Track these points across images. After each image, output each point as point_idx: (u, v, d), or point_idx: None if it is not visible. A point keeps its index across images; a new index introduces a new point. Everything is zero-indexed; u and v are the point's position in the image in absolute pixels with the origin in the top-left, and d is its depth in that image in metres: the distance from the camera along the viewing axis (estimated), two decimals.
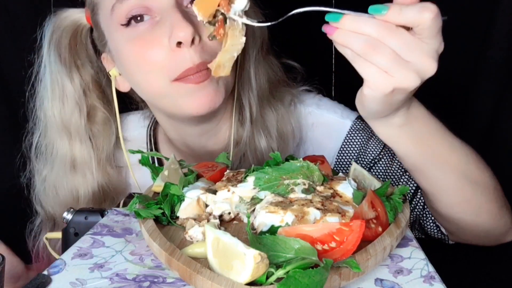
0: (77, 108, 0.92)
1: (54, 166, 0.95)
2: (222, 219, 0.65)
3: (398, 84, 0.57)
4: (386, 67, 0.57)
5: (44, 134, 0.95)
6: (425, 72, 0.57)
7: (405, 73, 0.57)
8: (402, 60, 0.57)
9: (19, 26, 1.21)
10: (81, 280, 0.53)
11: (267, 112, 0.95)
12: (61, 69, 0.90)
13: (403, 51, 0.56)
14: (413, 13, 0.55)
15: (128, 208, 0.67)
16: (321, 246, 0.51)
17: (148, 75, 0.81)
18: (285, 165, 0.65)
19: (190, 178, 0.71)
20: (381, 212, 0.59)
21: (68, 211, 0.76)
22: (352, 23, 0.57)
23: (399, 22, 0.55)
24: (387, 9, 0.55)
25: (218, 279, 0.48)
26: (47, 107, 0.92)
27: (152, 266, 0.56)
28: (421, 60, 0.57)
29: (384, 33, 0.55)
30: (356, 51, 0.57)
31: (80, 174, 0.94)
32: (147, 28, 0.80)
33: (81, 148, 0.93)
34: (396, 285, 0.52)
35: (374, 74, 0.58)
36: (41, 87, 0.93)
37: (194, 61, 0.78)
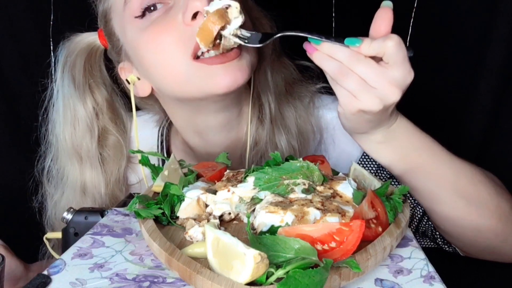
0: (89, 132, 0.92)
1: (65, 190, 0.95)
2: (222, 219, 0.65)
3: (363, 107, 0.65)
4: (353, 91, 0.65)
5: (56, 158, 0.95)
6: (388, 98, 0.65)
7: (369, 97, 0.65)
8: (368, 86, 0.64)
9: (19, 26, 1.21)
10: (81, 280, 0.53)
11: (286, 109, 0.96)
12: (74, 93, 0.91)
13: (369, 78, 0.64)
14: (379, 44, 0.63)
15: (128, 208, 0.67)
16: (321, 246, 0.51)
17: (166, 57, 0.79)
18: (285, 165, 0.65)
19: (190, 178, 0.71)
20: (381, 212, 0.59)
21: (68, 211, 0.76)
22: (329, 49, 0.65)
23: (369, 54, 0.64)
24: (361, 42, 0.63)
25: (218, 279, 0.48)
26: (58, 131, 0.93)
27: (152, 266, 0.56)
28: (385, 87, 0.64)
29: (353, 61, 0.64)
30: (329, 73, 0.66)
31: (90, 199, 0.94)
32: (161, 14, 0.79)
33: (91, 173, 0.93)
34: (396, 285, 0.52)
35: (343, 95, 0.67)
36: (54, 112, 0.94)
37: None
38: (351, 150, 0.95)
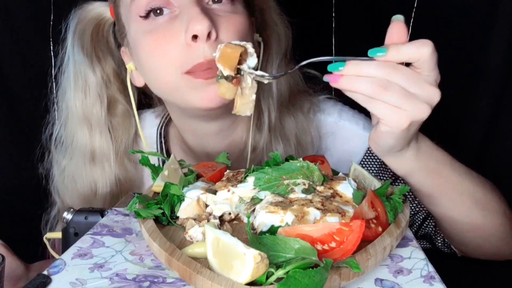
0: (99, 99, 0.92)
1: (74, 157, 0.95)
2: (222, 219, 0.65)
3: (413, 117, 0.60)
4: (398, 103, 0.60)
5: (65, 124, 0.95)
6: (433, 99, 0.61)
7: (416, 105, 0.60)
8: (410, 94, 0.60)
9: (19, 26, 1.21)
10: (81, 280, 0.53)
11: (286, 119, 0.95)
12: (83, 60, 0.91)
13: (408, 85, 0.59)
14: (412, 50, 0.59)
15: (128, 208, 0.67)
16: (321, 246, 0.51)
17: (160, 67, 0.81)
18: (285, 165, 0.65)
19: (190, 178, 0.71)
20: (381, 212, 0.59)
21: (68, 211, 0.76)
22: (356, 68, 0.59)
23: (398, 60, 0.59)
24: (386, 50, 0.59)
25: (218, 279, 0.48)
26: (69, 97, 0.93)
27: (152, 266, 0.56)
28: (426, 89, 0.60)
29: (388, 71, 0.59)
30: (365, 93, 0.60)
31: (99, 167, 0.94)
32: (165, 22, 0.79)
33: (101, 140, 0.93)
34: (396, 285, 0.52)
35: (389, 112, 0.60)
36: (64, 78, 0.94)
37: (206, 56, 0.77)
38: (349, 156, 0.95)
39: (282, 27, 0.94)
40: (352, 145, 0.97)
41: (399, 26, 0.61)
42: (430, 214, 0.91)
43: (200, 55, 0.77)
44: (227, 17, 0.80)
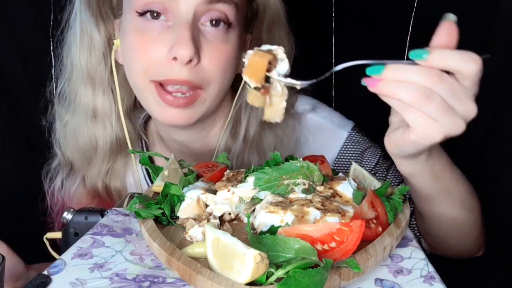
0: (103, 59, 0.92)
1: (76, 113, 0.96)
2: (222, 219, 0.65)
3: (448, 132, 0.57)
4: (436, 115, 0.56)
5: (69, 80, 0.95)
6: (469, 115, 0.58)
7: (453, 120, 0.57)
8: (450, 107, 0.57)
9: (19, 26, 1.21)
10: (81, 280, 0.53)
11: (266, 134, 0.95)
12: (90, 19, 0.90)
13: (450, 97, 0.56)
14: (457, 61, 0.55)
15: (128, 208, 0.67)
16: (321, 246, 0.51)
17: (135, 67, 0.83)
18: (285, 165, 0.65)
19: (190, 178, 0.71)
20: (381, 212, 0.59)
21: (68, 211, 0.75)
22: (397, 73, 0.56)
23: (441, 67, 0.55)
24: (428, 53, 0.55)
25: (218, 279, 0.48)
26: (74, 54, 0.93)
27: (152, 266, 0.56)
28: (466, 105, 0.57)
29: (433, 80, 0.55)
30: (405, 100, 0.56)
31: (100, 125, 0.95)
32: (157, 28, 0.80)
33: (103, 99, 0.94)
34: (396, 285, 0.52)
35: (424, 122, 0.57)
36: (70, 34, 0.94)
37: (180, 76, 0.79)
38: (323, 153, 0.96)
39: (287, 48, 0.94)
40: (326, 142, 0.98)
41: (450, 27, 0.57)
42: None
43: (175, 73, 0.79)
44: (216, 45, 0.81)
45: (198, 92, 0.83)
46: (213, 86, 0.84)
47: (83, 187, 1.00)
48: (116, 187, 1.00)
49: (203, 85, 0.82)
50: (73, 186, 1.01)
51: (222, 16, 0.81)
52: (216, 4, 0.80)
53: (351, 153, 0.98)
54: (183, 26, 0.78)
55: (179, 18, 0.79)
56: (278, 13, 0.92)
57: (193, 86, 0.81)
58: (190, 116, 0.85)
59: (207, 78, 0.82)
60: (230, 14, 0.81)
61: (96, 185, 0.99)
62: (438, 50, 0.55)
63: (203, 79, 0.82)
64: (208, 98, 0.85)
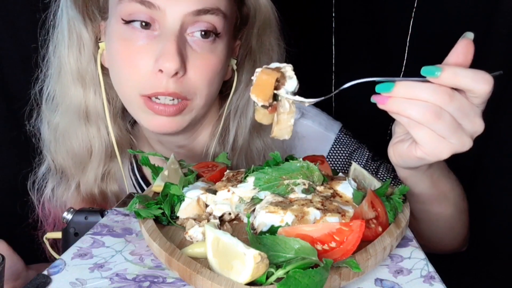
0: (93, 58, 0.90)
1: (67, 114, 0.92)
2: (222, 219, 0.65)
3: (456, 150, 0.58)
4: (445, 133, 0.57)
5: (57, 80, 0.92)
6: (477, 132, 0.58)
7: (461, 137, 0.57)
8: (458, 125, 0.57)
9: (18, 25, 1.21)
10: (81, 280, 0.53)
11: (255, 142, 0.95)
12: (77, 16, 0.88)
13: (459, 116, 0.56)
14: (469, 80, 0.55)
15: (128, 208, 0.67)
16: (321, 246, 0.51)
17: (123, 81, 0.83)
18: (285, 165, 0.65)
19: (190, 178, 0.71)
20: (381, 212, 0.59)
21: (68, 211, 0.75)
22: (407, 91, 0.56)
23: (453, 85, 0.55)
24: (441, 70, 0.55)
25: (218, 279, 0.48)
26: (63, 53, 0.90)
27: (152, 266, 0.56)
28: (474, 123, 0.57)
29: (444, 99, 0.55)
30: (414, 118, 0.56)
31: (95, 127, 0.93)
32: (143, 38, 0.79)
33: (95, 99, 0.91)
34: (396, 285, 0.52)
35: (432, 140, 0.58)
36: (57, 32, 0.90)
37: (168, 89, 0.79)
38: None
39: (277, 54, 0.94)
40: (314, 144, 0.98)
41: (468, 45, 0.57)
42: None
43: (162, 86, 0.79)
44: (203, 56, 0.81)
45: (185, 102, 0.82)
46: (200, 97, 0.83)
47: (77, 194, 0.97)
48: (113, 191, 0.98)
49: (189, 96, 0.82)
50: (68, 194, 0.96)
51: (210, 27, 0.80)
52: (204, 16, 0.79)
53: (340, 155, 0.98)
54: (169, 38, 0.77)
55: (166, 29, 0.78)
56: (269, 18, 0.91)
57: (180, 97, 0.81)
58: (178, 123, 0.84)
59: (193, 89, 0.81)
60: (218, 25, 0.80)
61: (92, 191, 0.96)
62: (450, 68, 0.55)
63: (189, 90, 0.81)
64: (195, 108, 0.84)
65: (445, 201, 0.78)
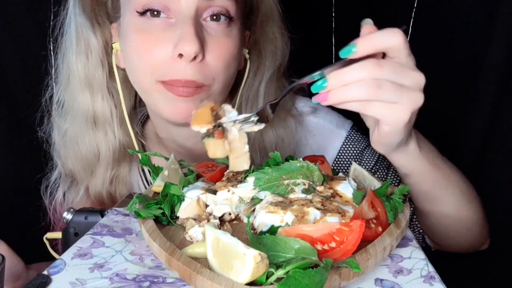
0: (100, 64, 0.91)
1: (76, 120, 0.94)
2: (222, 219, 0.65)
3: (412, 107, 0.60)
4: (394, 98, 0.58)
5: (66, 87, 0.93)
6: (420, 84, 0.60)
7: (410, 94, 0.59)
8: (401, 86, 0.59)
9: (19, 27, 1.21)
10: (81, 280, 0.53)
11: (268, 133, 0.95)
12: (85, 23, 0.89)
13: (397, 77, 0.58)
14: (382, 40, 0.58)
15: (128, 208, 0.67)
16: (321, 246, 0.51)
17: (140, 68, 0.83)
18: (285, 165, 0.65)
19: (190, 178, 0.71)
20: (381, 212, 0.59)
21: (68, 211, 0.75)
22: (340, 78, 0.58)
23: (371, 52, 0.57)
24: (355, 45, 0.57)
25: (218, 279, 0.48)
26: (71, 60, 0.91)
27: (152, 266, 0.56)
28: (413, 76, 0.59)
29: (374, 69, 0.57)
30: (360, 98, 0.58)
31: (102, 132, 0.93)
32: (159, 27, 0.80)
33: (103, 104, 0.92)
34: (396, 285, 0.52)
35: (387, 110, 0.59)
36: (66, 39, 0.92)
37: (186, 76, 0.79)
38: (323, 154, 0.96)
39: (280, 42, 0.95)
40: (324, 141, 0.98)
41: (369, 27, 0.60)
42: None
43: (181, 72, 0.78)
44: (219, 40, 0.81)
45: (203, 87, 0.82)
46: (217, 82, 0.83)
47: (87, 198, 0.98)
48: (122, 194, 0.98)
49: (207, 82, 0.82)
50: (77, 198, 0.98)
51: (223, 11, 0.81)
52: (216, 0, 0.80)
53: (351, 153, 0.98)
54: (187, 22, 0.77)
55: (182, 15, 0.78)
56: (271, 9, 0.92)
57: (198, 86, 0.81)
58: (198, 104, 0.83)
59: (212, 74, 0.81)
60: (231, 9, 0.81)
61: (100, 194, 0.97)
62: (361, 39, 0.57)
63: (207, 76, 0.81)
64: (213, 94, 0.84)
65: (449, 187, 0.77)
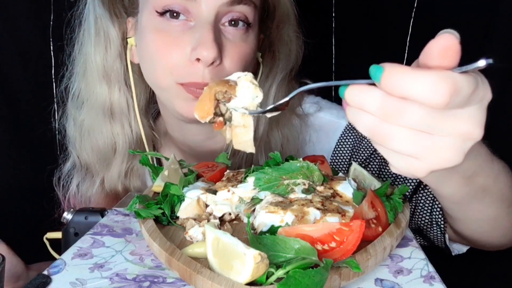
0: (119, 55, 0.91)
1: (92, 111, 0.93)
2: (223, 219, 0.65)
3: (434, 167, 0.44)
4: (408, 152, 0.43)
5: (83, 78, 0.93)
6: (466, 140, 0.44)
7: (438, 151, 0.43)
8: (429, 137, 0.43)
9: (19, 26, 1.21)
10: (81, 280, 0.53)
11: (274, 133, 0.95)
12: (105, 14, 0.89)
13: (423, 126, 0.42)
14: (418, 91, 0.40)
15: (128, 208, 0.67)
16: (321, 246, 0.51)
17: (158, 69, 0.82)
18: (285, 165, 0.65)
19: (190, 178, 0.71)
20: (381, 212, 0.59)
21: (68, 211, 0.76)
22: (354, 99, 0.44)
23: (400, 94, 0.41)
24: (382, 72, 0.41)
25: (218, 279, 0.48)
26: (89, 52, 0.91)
27: (152, 266, 0.56)
28: (454, 129, 0.43)
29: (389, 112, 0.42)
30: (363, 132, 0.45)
31: (119, 124, 0.94)
32: (178, 28, 0.80)
33: (120, 96, 0.92)
34: (396, 285, 0.52)
35: (397, 159, 0.45)
36: (84, 30, 0.92)
37: (205, 79, 0.78)
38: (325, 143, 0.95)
39: (295, 46, 0.95)
40: (327, 135, 0.98)
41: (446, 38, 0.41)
42: (418, 206, 0.88)
43: (199, 76, 0.78)
44: (236, 45, 0.81)
45: None
46: None
47: (102, 190, 0.98)
48: (136, 187, 0.99)
49: None
50: (92, 189, 0.98)
51: (242, 17, 0.81)
52: (237, 6, 0.80)
53: (350, 141, 0.97)
54: (206, 27, 0.77)
55: (201, 19, 0.78)
56: (288, 12, 0.92)
57: None
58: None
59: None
60: (249, 15, 0.81)
61: (116, 187, 0.97)
62: (392, 71, 0.40)
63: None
64: None
65: (486, 197, 0.64)
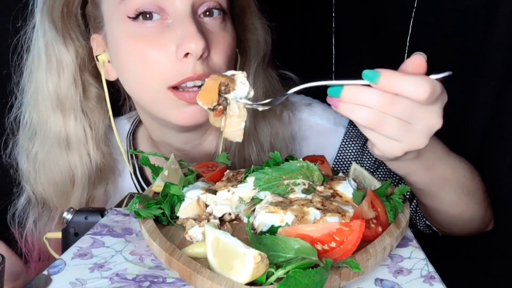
0: (73, 82, 0.86)
1: (46, 142, 0.88)
2: (223, 219, 0.65)
3: (408, 148, 0.59)
4: (392, 136, 0.58)
5: (34, 108, 0.87)
6: (431, 130, 0.59)
7: (412, 137, 0.58)
8: (407, 126, 0.58)
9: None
10: (81, 280, 0.53)
11: (261, 125, 0.94)
12: (56, 38, 0.84)
13: (406, 117, 0.57)
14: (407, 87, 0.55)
15: (128, 208, 0.67)
16: (321, 246, 0.51)
17: (145, 78, 0.79)
18: (285, 165, 0.65)
19: (190, 178, 0.71)
20: (381, 212, 0.59)
21: (68, 211, 0.76)
22: (353, 96, 0.57)
23: (391, 91, 0.56)
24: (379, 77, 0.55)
25: (218, 279, 0.48)
26: (40, 79, 0.85)
27: (152, 266, 0.56)
28: (425, 120, 0.58)
29: (386, 104, 0.56)
30: (362, 124, 0.58)
31: (76, 153, 0.88)
32: (155, 29, 0.77)
33: (76, 125, 0.87)
34: (396, 285, 0.52)
35: (382, 141, 0.60)
36: (33, 57, 0.86)
37: (196, 71, 0.76)
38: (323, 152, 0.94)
39: (262, 32, 0.93)
40: (323, 140, 0.97)
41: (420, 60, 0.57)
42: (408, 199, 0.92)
43: (190, 70, 0.76)
44: (218, 36, 0.80)
45: None
46: None
47: (62, 225, 0.90)
48: None
49: None
50: (51, 225, 0.92)
51: (216, 5, 0.79)
52: None
53: (352, 149, 0.97)
54: (186, 20, 0.75)
55: (178, 14, 0.76)
56: (247, 0, 0.91)
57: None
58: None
59: (217, 69, 0.79)
60: (223, 2, 0.80)
61: None
62: (388, 74, 0.55)
63: (215, 69, 0.79)
64: None
65: (447, 185, 0.76)
